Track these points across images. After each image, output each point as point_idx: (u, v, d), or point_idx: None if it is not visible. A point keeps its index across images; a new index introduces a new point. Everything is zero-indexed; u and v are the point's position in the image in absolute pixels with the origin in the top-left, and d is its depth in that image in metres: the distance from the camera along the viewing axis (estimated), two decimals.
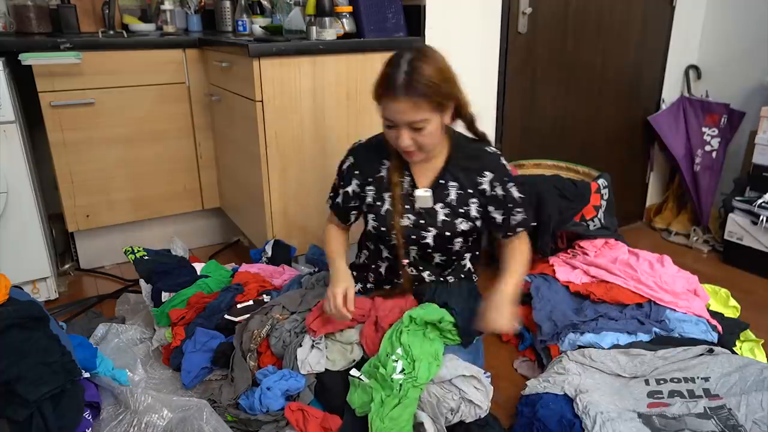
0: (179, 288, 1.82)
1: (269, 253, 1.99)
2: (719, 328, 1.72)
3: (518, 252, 1.55)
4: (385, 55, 1.94)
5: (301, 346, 1.47)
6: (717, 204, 2.67)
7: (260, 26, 2.33)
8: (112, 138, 2.19)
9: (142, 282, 1.87)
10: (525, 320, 1.83)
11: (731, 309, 1.93)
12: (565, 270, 1.97)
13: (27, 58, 1.90)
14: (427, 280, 1.61)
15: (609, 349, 1.59)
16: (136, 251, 1.97)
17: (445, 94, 1.33)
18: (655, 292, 1.81)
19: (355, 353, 1.48)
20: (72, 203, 2.19)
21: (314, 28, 1.91)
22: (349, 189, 1.56)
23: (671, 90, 2.78)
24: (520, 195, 1.49)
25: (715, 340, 1.67)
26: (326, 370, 1.45)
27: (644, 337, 1.65)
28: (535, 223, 1.60)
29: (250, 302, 1.79)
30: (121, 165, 2.24)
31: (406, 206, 1.50)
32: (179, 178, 2.38)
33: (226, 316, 1.70)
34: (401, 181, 1.50)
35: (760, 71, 2.54)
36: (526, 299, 1.87)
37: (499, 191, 1.48)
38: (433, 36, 2.04)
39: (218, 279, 1.88)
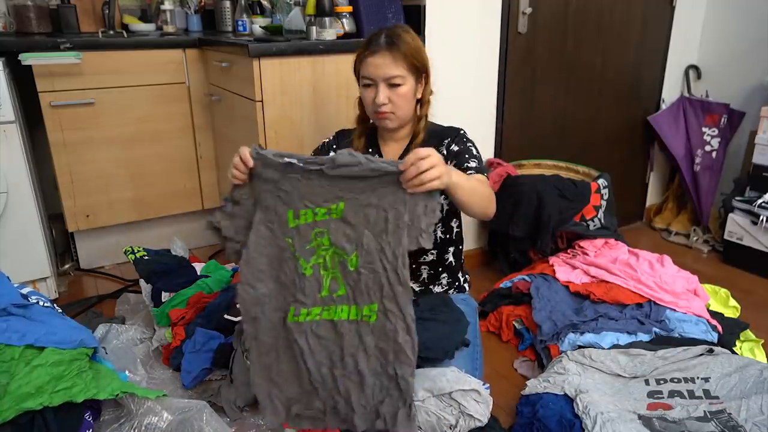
0: (179, 288, 1.82)
1: None
2: (719, 328, 1.72)
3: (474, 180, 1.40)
4: None
5: None
6: (717, 204, 2.67)
7: (260, 26, 2.33)
8: (112, 138, 2.19)
9: (142, 282, 1.88)
10: (525, 320, 1.84)
11: (731, 309, 1.93)
12: (565, 270, 1.97)
13: (27, 58, 1.90)
14: (422, 275, 1.61)
15: (609, 349, 1.59)
16: (136, 251, 1.97)
17: (420, 60, 1.46)
18: (655, 292, 1.81)
19: None
20: (72, 203, 2.19)
21: (314, 28, 1.91)
22: None
23: (671, 90, 2.78)
24: (477, 151, 1.51)
25: (715, 340, 1.67)
26: None
27: (644, 337, 1.65)
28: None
29: None
30: (121, 165, 2.24)
31: None
32: (179, 178, 2.38)
33: (226, 316, 1.70)
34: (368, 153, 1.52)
35: (760, 71, 2.54)
36: (526, 299, 1.88)
37: (454, 147, 1.50)
38: (433, 36, 2.04)
39: (218, 279, 1.88)
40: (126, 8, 2.64)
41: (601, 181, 2.17)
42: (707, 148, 2.65)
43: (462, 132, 1.55)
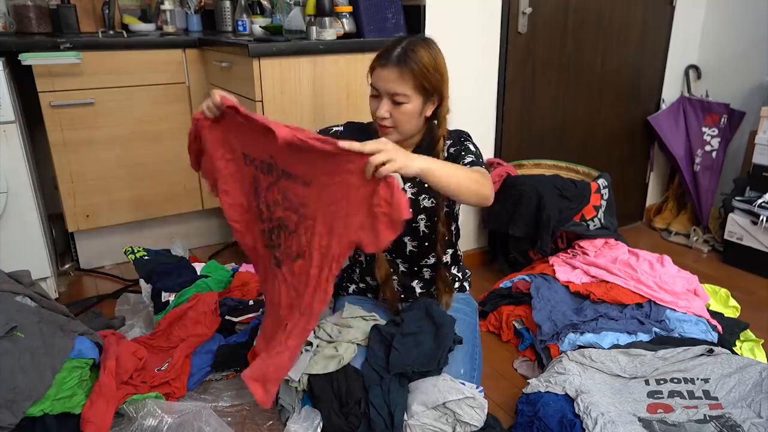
0: (179, 288, 1.82)
1: None
2: (719, 328, 1.72)
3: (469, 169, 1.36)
4: None
5: None
6: (717, 204, 2.67)
7: (260, 26, 2.33)
8: (112, 138, 2.19)
9: (142, 282, 1.88)
10: (525, 320, 1.84)
11: (731, 309, 1.93)
12: (565, 270, 1.97)
13: (27, 58, 1.90)
14: (401, 269, 1.60)
15: (609, 349, 1.59)
16: (136, 251, 1.97)
17: (431, 81, 1.39)
18: (655, 292, 1.81)
19: (347, 354, 1.44)
20: (72, 203, 2.19)
21: (314, 28, 1.91)
22: None
23: (671, 90, 2.78)
24: (476, 148, 1.49)
25: (715, 340, 1.67)
26: (313, 375, 1.39)
27: (644, 337, 1.65)
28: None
29: (251, 302, 1.80)
30: (121, 165, 2.24)
31: None
32: (179, 178, 2.37)
33: (227, 317, 1.70)
34: None
35: (760, 71, 2.54)
36: (526, 299, 1.88)
37: (452, 150, 1.48)
38: (433, 36, 2.03)
39: (218, 279, 1.88)
40: (126, 8, 2.64)
41: (601, 181, 2.17)
42: (707, 148, 2.65)
43: (464, 136, 1.53)
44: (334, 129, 1.58)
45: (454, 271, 1.69)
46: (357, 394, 1.35)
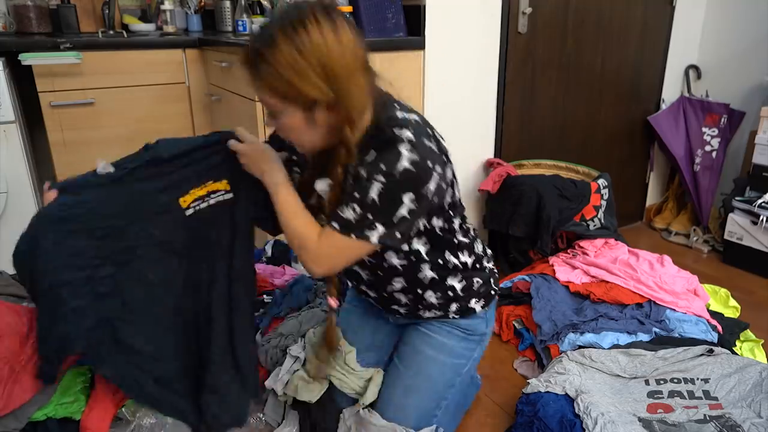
0: None
1: (269, 253, 1.99)
2: (719, 328, 1.72)
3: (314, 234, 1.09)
4: (385, 55, 1.97)
5: (280, 365, 1.43)
6: (717, 204, 2.67)
7: (260, 26, 2.33)
8: (112, 138, 2.19)
9: None
10: (525, 320, 1.84)
11: (731, 309, 1.93)
12: (565, 270, 1.97)
13: (27, 58, 1.90)
14: (372, 296, 1.32)
15: (609, 349, 1.59)
16: None
17: (298, 89, 0.97)
18: (655, 292, 1.81)
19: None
20: None
21: None
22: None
23: (671, 90, 2.78)
24: (369, 187, 1.01)
25: (715, 340, 1.67)
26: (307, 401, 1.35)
27: (644, 337, 1.65)
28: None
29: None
30: None
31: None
32: None
33: None
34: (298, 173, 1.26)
35: (760, 71, 2.54)
36: (526, 299, 1.88)
37: (362, 171, 1.03)
38: (433, 36, 2.04)
39: None
40: (126, 8, 2.64)
41: (601, 181, 2.17)
42: (707, 148, 2.65)
43: (388, 157, 0.99)
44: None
45: (452, 282, 1.24)
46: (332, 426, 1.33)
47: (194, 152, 1.19)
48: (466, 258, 1.24)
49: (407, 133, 1.00)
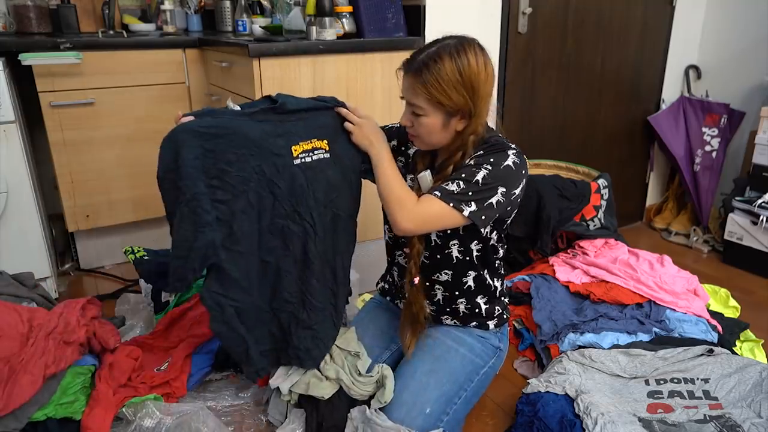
0: None
1: None
2: (719, 328, 1.72)
3: (410, 201, 1.27)
4: (385, 55, 1.97)
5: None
6: (717, 204, 2.67)
7: (260, 26, 2.33)
8: (112, 138, 2.19)
9: (142, 282, 1.88)
10: (525, 320, 1.84)
11: (731, 309, 1.93)
12: (565, 270, 1.97)
13: (27, 58, 1.90)
14: (436, 295, 1.44)
15: (609, 349, 1.59)
16: (136, 251, 1.97)
17: (451, 98, 1.22)
18: (655, 292, 1.81)
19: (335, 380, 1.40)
20: (72, 203, 2.19)
21: (314, 28, 1.91)
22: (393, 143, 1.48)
23: (671, 90, 2.78)
24: (485, 179, 1.23)
25: (715, 340, 1.67)
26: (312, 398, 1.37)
27: (644, 337, 1.65)
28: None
29: None
30: (121, 165, 2.24)
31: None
32: None
33: None
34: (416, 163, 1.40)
35: (760, 71, 2.54)
36: (526, 299, 1.88)
37: (470, 161, 1.28)
38: (433, 36, 2.04)
39: None
40: (126, 8, 2.64)
41: (601, 181, 2.17)
42: (707, 148, 2.65)
43: (498, 154, 1.26)
44: (390, 125, 1.51)
45: (479, 300, 1.42)
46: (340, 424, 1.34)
47: (309, 111, 1.34)
48: (497, 284, 1.45)
49: (514, 147, 1.30)
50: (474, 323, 1.45)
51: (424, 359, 1.40)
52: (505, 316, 1.49)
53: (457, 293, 1.41)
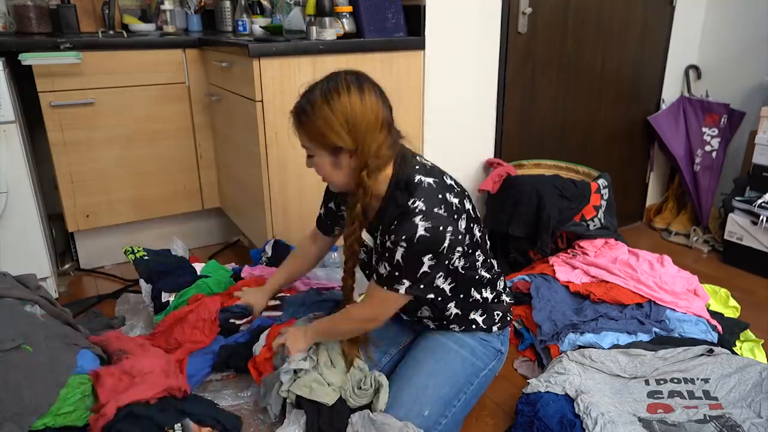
0: (179, 288, 1.81)
1: (269, 253, 1.99)
2: (719, 328, 1.72)
3: (353, 308, 1.38)
4: (385, 55, 1.97)
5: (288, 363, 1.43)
6: (717, 204, 2.67)
7: (260, 26, 2.33)
8: (112, 138, 2.20)
9: (142, 282, 1.87)
10: (525, 320, 1.84)
11: (731, 309, 1.93)
12: (565, 270, 1.97)
13: (27, 58, 1.90)
14: (428, 324, 1.48)
15: (609, 349, 1.59)
16: (136, 251, 1.97)
17: (326, 136, 1.21)
18: (655, 292, 1.81)
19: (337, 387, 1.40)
20: (72, 203, 2.19)
21: (314, 28, 1.91)
22: (331, 205, 1.55)
23: (671, 90, 2.78)
24: (413, 262, 1.21)
25: (715, 340, 1.67)
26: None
27: (644, 337, 1.65)
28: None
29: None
30: (121, 165, 2.24)
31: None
32: (179, 178, 2.38)
33: (230, 320, 1.70)
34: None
35: (760, 71, 2.54)
36: (526, 299, 1.88)
37: (388, 242, 1.24)
38: (433, 36, 2.05)
39: (218, 279, 1.88)
40: (126, 8, 2.64)
41: (601, 181, 2.17)
42: (707, 148, 2.65)
43: (405, 227, 1.19)
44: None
45: (474, 316, 1.43)
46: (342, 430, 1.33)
47: None
48: (488, 294, 1.43)
49: (420, 205, 1.20)
50: (476, 328, 1.45)
51: (425, 360, 1.40)
52: (508, 318, 1.48)
53: (445, 322, 1.43)
